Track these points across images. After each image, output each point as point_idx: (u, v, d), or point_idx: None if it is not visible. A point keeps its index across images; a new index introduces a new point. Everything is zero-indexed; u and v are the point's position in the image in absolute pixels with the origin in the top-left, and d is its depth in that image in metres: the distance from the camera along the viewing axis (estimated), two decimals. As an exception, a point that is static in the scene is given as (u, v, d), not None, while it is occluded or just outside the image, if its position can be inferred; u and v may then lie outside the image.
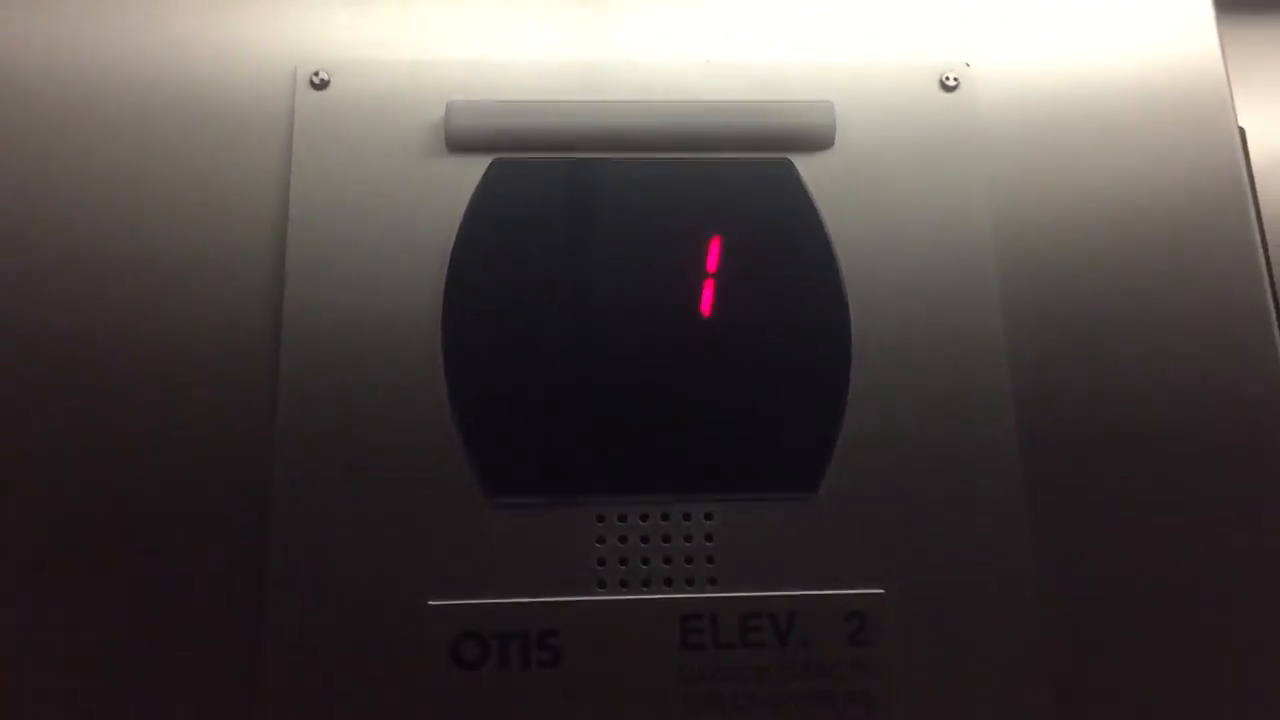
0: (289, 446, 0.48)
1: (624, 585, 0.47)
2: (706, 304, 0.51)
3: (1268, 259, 0.55)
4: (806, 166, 0.53)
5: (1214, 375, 0.52)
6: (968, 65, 0.56)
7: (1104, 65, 0.57)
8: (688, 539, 0.48)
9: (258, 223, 0.51)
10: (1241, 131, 0.57)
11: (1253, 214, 0.55)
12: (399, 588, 0.46)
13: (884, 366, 0.51)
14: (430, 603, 0.46)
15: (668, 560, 0.48)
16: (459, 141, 0.52)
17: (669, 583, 0.48)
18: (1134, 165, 0.55)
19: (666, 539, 0.48)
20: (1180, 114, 0.56)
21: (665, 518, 0.48)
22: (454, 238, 0.51)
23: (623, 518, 0.48)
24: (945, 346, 0.51)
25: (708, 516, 0.48)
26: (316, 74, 0.52)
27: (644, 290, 0.51)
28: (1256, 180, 0.57)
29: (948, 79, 0.55)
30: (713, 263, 0.52)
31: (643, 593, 0.47)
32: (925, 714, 0.47)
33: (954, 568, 0.48)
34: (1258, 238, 0.55)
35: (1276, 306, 0.54)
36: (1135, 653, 0.48)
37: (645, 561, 0.48)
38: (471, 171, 0.52)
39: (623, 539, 0.48)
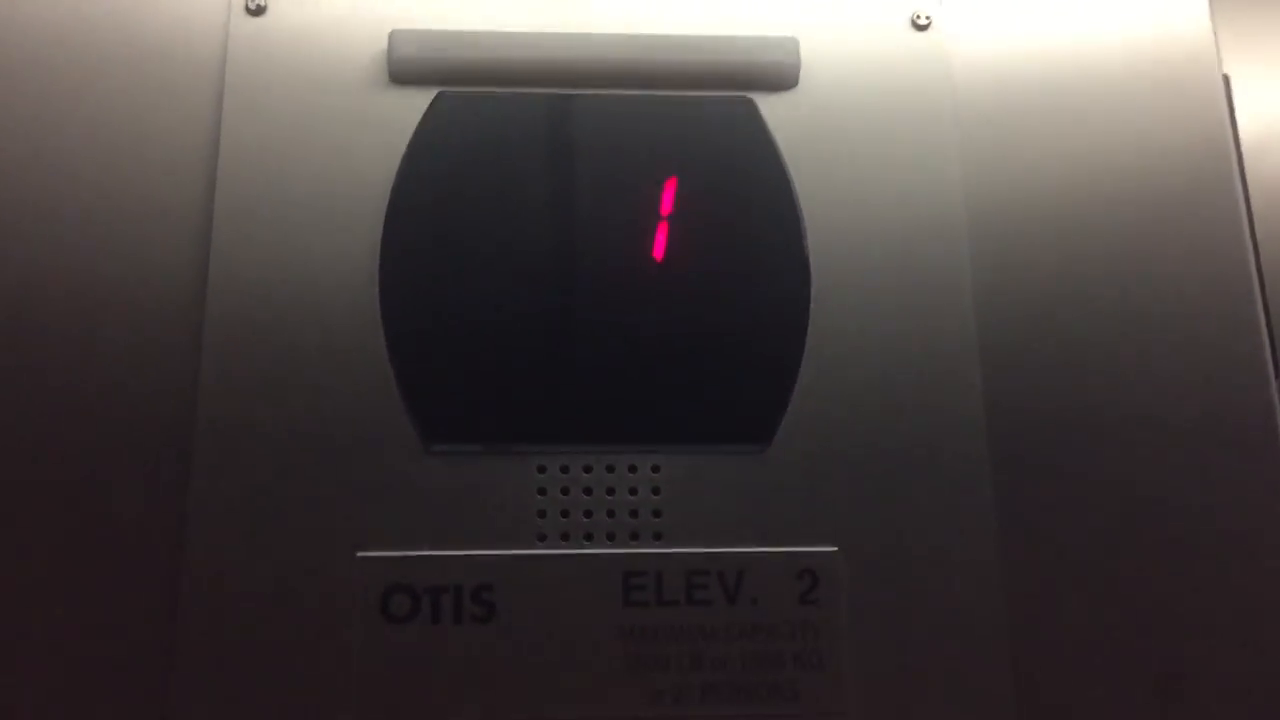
0: (214, 390, 0.45)
1: (564, 539, 0.45)
2: (659, 248, 0.49)
3: (1251, 221, 0.52)
4: (769, 106, 0.51)
5: (1192, 342, 0.50)
6: (940, 3, 0.53)
7: (1084, 3, 0.54)
8: (633, 492, 0.46)
9: (186, 158, 0.48)
10: (1226, 79, 0.55)
11: (1237, 168, 0.53)
12: (328, 538, 0.44)
13: (844, 317, 0.49)
14: (359, 554, 0.44)
15: (611, 513, 0.46)
16: (403, 73, 0.49)
17: (612, 537, 0.45)
18: (1114, 116, 0.53)
19: (610, 491, 0.46)
20: (1163, 60, 0.54)
21: (610, 469, 0.46)
22: (394, 175, 0.48)
23: (565, 469, 0.46)
24: (910, 297, 0.49)
25: (654, 469, 0.46)
26: (251, -1, 0.50)
27: (594, 233, 0.49)
28: (1240, 131, 0.54)
29: (919, 17, 0.53)
30: (667, 205, 0.49)
31: (584, 547, 0.45)
32: (878, 678, 0.44)
33: (911, 527, 0.46)
34: (1240, 191, 0.52)
35: (1260, 274, 0.52)
36: (1096, 615, 0.46)
37: (588, 514, 0.46)
38: (415, 105, 0.49)
39: (564, 490, 0.46)
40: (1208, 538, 0.47)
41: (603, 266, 0.48)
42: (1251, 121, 0.59)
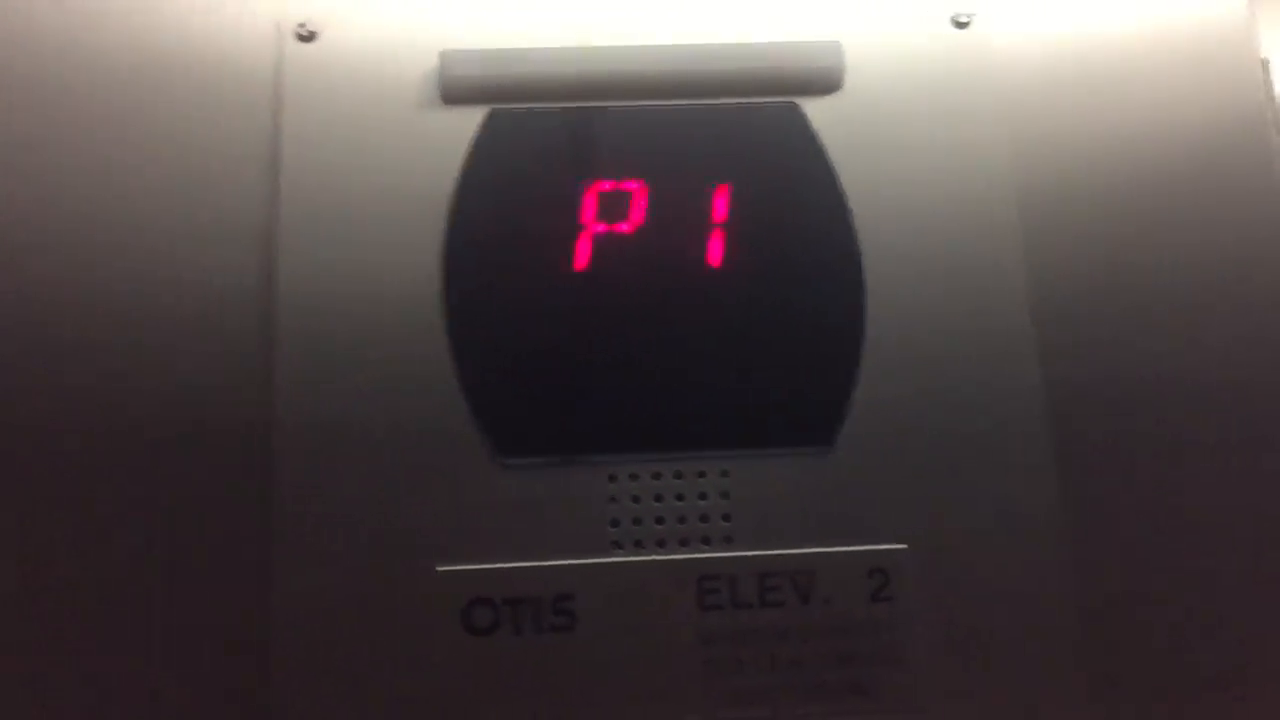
0: (289, 413, 0.46)
1: (638, 546, 0.46)
2: (715, 255, 0.49)
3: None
4: (814, 110, 0.51)
5: (1243, 319, 0.50)
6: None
7: (1122, -2, 0.55)
8: (702, 497, 0.47)
9: (249, 184, 0.49)
10: (1265, 64, 0.55)
11: (1276, 150, 0.53)
12: (406, 553, 0.45)
13: (900, 316, 0.49)
14: (439, 568, 0.45)
15: (682, 520, 0.46)
16: (454, 93, 0.50)
17: (684, 542, 0.46)
18: (1156, 103, 0.53)
19: (680, 497, 0.47)
20: (1203, 48, 0.54)
21: (678, 476, 0.47)
22: (453, 193, 0.49)
23: (635, 477, 0.47)
24: (964, 294, 0.50)
25: (723, 474, 0.47)
26: (302, 25, 0.50)
27: (650, 242, 0.49)
28: (1281, 114, 0.55)
29: (960, 15, 0.53)
30: (720, 213, 0.50)
31: (658, 553, 0.46)
32: (951, 672, 0.45)
33: (978, 521, 0.47)
34: (1282, 173, 0.53)
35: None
36: (1168, 607, 0.47)
37: (659, 521, 0.46)
38: (468, 124, 0.50)
39: (636, 499, 0.46)
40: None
41: (661, 275, 0.49)
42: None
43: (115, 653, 0.44)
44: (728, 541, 0.46)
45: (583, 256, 0.49)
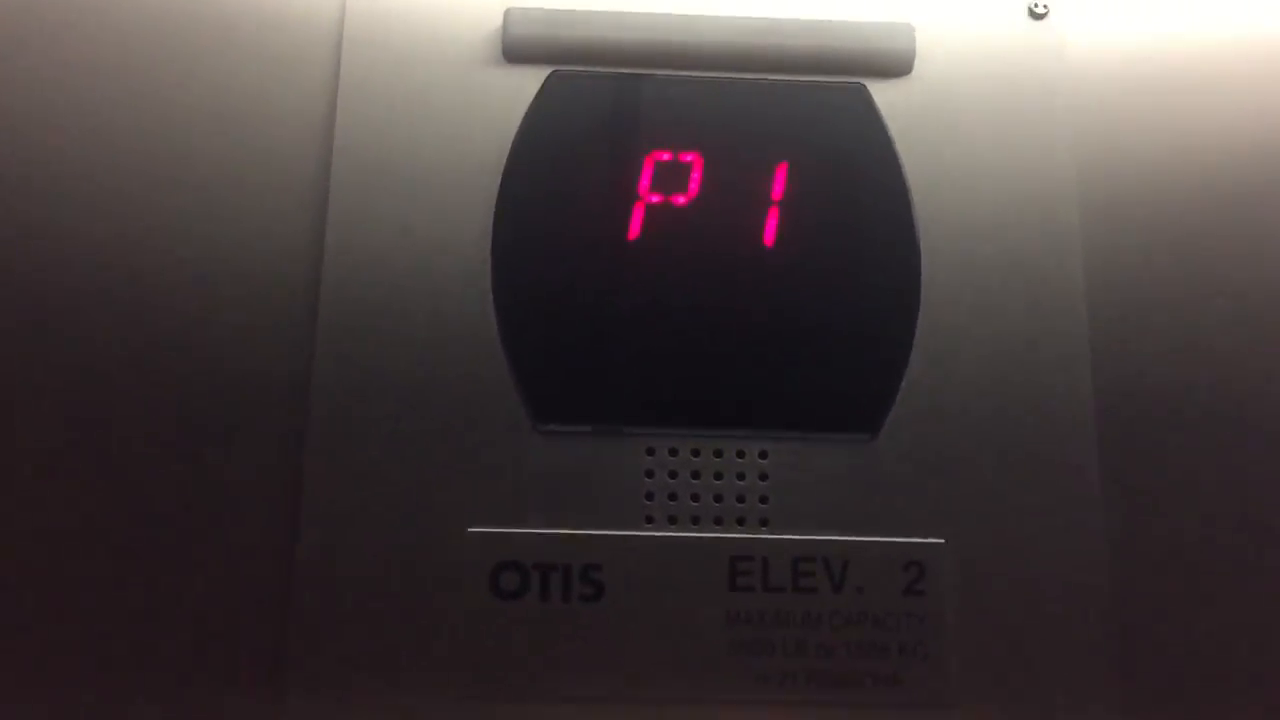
0: (329, 366, 0.46)
1: (672, 522, 0.45)
2: (770, 233, 0.48)
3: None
4: (882, 93, 0.50)
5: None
6: (1059, -9, 0.52)
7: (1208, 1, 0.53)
8: (740, 477, 0.46)
9: (304, 135, 0.49)
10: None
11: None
12: (439, 513, 0.45)
13: (954, 307, 0.48)
14: (471, 530, 0.44)
15: (719, 498, 0.46)
16: (516, 52, 0.49)
17: (719, 521, 0.46)
18: (1235, 112, 0.52)
19: (718, 476, 0.46)
20: (1278, 45, 0.52)
21: (718, 454, 0.46)
22: (507, 154, 0.48)
23: (674, 452, 0.46)
24: (1020, 290, 0.48)
25: (762, 455, 0.46)
26: (370, -25, 0.50)
27: (705, 217, 0.48)
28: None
29: (1037, 6, 0.52)
30: (778, 190, 0.49)
31: (691, 530, 0.45)
32: (983, 671, 0.44)
33: (1019, 521, 0.46)
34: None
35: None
36: (1207, 611, 0.45)
37: (695, 498, 0.46)
38: (528, 84, 0.49)
39: (673, 474, 0.46)
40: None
41: (713, 251, 0.48)
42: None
43: (138, 603, 0.44)
44: (763, 524, 0.46)
45: (635, 226, 0.48)
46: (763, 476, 0.46)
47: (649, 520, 0.45)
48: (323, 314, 0.46)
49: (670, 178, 0.49)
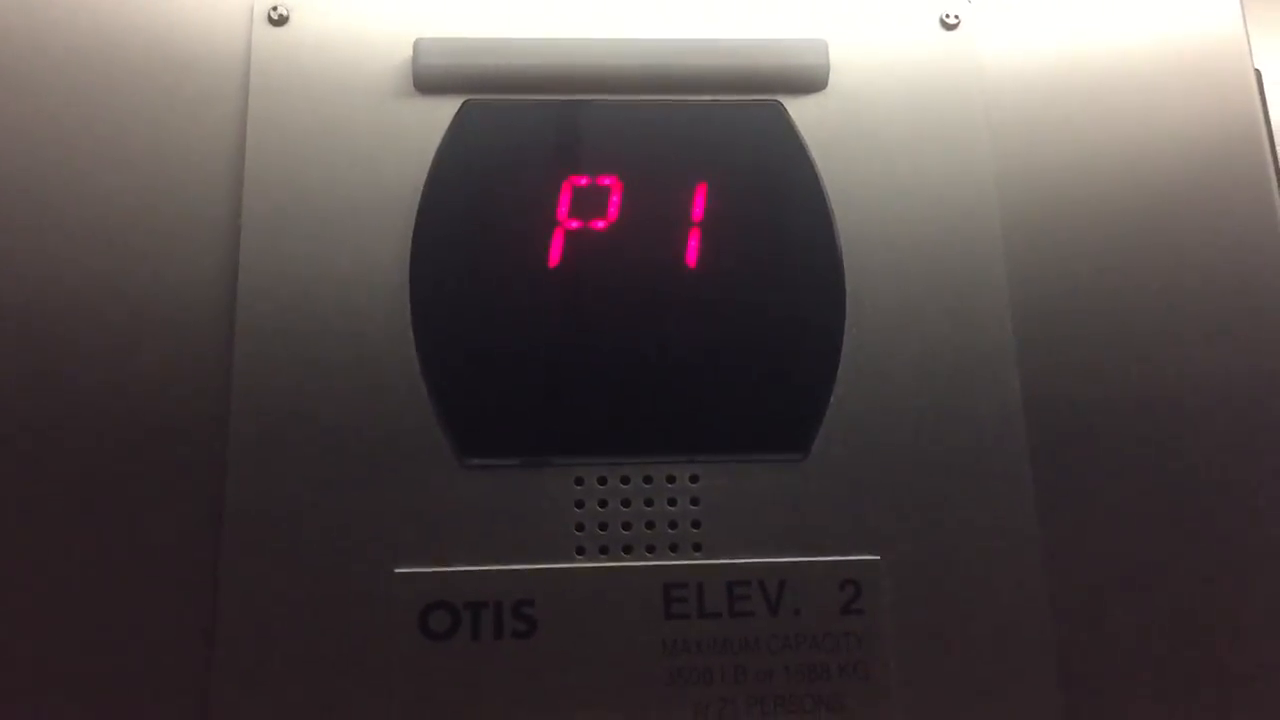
0: (246, 405, 0.45)
1: (603, 552, 0.45)
2: (692, 255, 0.48)
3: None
4: (798, 109, 0.50)
5: (1229, 332, 0.49)
6: (969, 2, 0.53)
7: (1114, 3, 0.54)
8: (671, 503, 0.45)
9: (212, 169, 0.48)
10: (1258, 74, 0.54)
11: (1270, 164, 0.52)
12: (364, 554, 0.44)
13: (880, 322, 0.48)
14: (397, 570, 0.43)
15: (650, 525, 0.45)
16: (428, 82, 0.49)
17: (651, 549, 0.45)
18: (1146, 114, 0.52)
19: (649, 503, 0.45)
20: (1194, 55, 0.53)
21: (648, 480, 0.45)
22: (423, 185, 0.48)
23: (602, 480, 0.45)
24: (945, 301, 0.48)
25: (693, 479, 0.46)
26: (274, 8, 0.49)
27: (625, 240, 0.48)
28: (1273, 125, 0.54)
29: (948, 17, 0.52)
30: (698, 211, 0.48)
31: (623, 559, 0.45)
32: (923, 687, 0.44)
33: (953, 534, 0.46)
34: (1274, 185, 0.52)
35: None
36: (1144, 619, 0.45)
37: (626, 527, 0.45)
38: (441, 114, 0.49)
39: (602, 503, 0.45)
40: (1257, 535, 0.46)
41: (636, 274, 0.48)
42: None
43: (57, 649, 0.42)
44: (696, 549, 0.45)
45: (555, 253, 0.47)
46: (694, 501, 0.45)
47: (580, 551, 0.45)
48: (238, 356, 0.45)
49: (589, 203, 0.48)
